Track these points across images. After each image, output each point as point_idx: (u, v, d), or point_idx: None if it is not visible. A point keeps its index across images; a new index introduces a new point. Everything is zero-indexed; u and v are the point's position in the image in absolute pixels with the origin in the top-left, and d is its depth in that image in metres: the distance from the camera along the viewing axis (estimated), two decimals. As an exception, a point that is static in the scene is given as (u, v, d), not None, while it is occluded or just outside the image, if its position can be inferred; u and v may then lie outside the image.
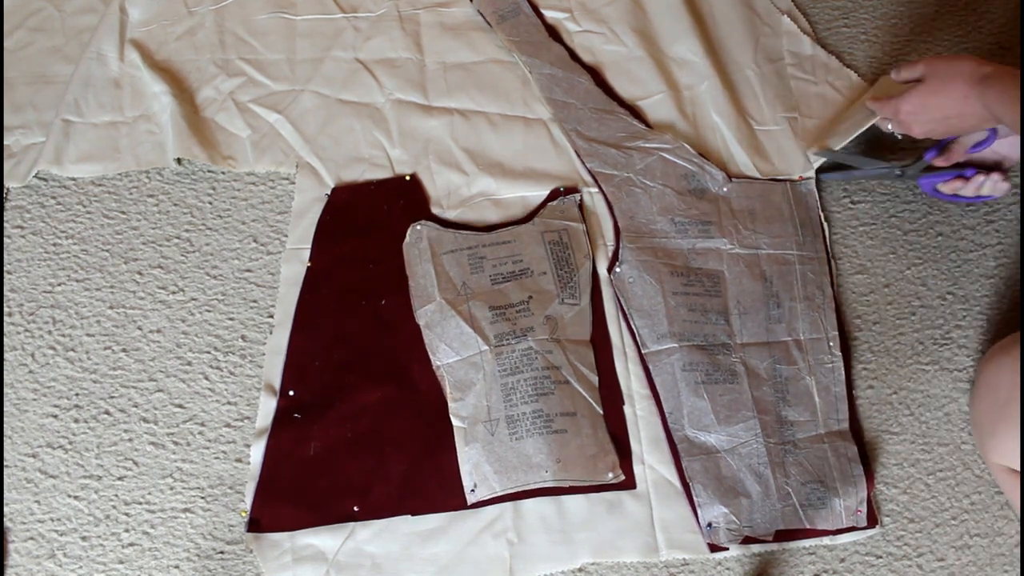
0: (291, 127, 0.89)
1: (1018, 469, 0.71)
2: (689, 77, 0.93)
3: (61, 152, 0.87)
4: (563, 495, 0.73)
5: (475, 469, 0.72)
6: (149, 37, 0.94)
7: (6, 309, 0.81)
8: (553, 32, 0.95)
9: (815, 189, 0.86)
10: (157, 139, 0.88)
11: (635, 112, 0.90)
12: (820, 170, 0.87)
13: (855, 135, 0.84)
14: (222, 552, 0.72)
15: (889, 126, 0.79)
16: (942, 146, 0.82)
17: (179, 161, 0.88)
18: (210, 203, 0.87)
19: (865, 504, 0.74)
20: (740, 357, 0.78)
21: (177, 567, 0.71)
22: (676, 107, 0.91)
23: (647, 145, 0.87)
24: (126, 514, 0.73)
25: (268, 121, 0.90)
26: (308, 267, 0.82)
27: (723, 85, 0.92)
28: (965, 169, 0.82)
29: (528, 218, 0.84)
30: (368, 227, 0.84)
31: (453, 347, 0.77)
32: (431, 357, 0.77)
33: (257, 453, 0.74)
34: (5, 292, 0.82)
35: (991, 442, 0.73)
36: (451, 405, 0.75)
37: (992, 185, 0.82)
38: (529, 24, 0.95)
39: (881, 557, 0.73)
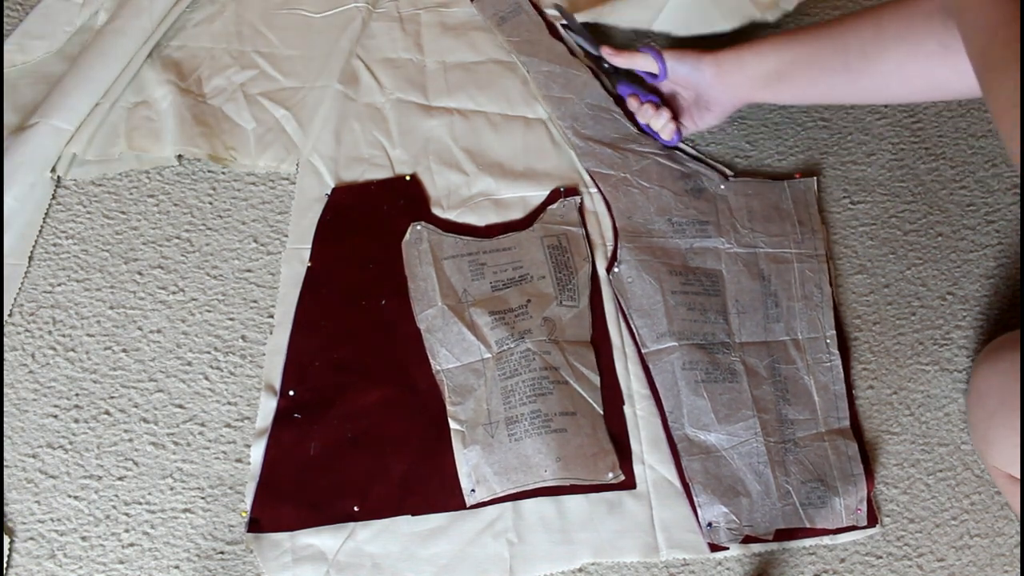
0: (295, 124, 0.89)
1: (1016, 474, 0.71)
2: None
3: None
4: (563, 495, 0.73)
5: (474, 471, 0.72)
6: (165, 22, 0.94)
7: (6, 309, 0.81)
8: (554, 31, 0.95)
9: (814, 187, 0.86)
10: (155, 126, 0.87)
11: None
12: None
13: (607, 21, 0.88)
14: (222, 552, 0.72)
15: None
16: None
17: (179, 159, 0.88)
18: (210, 203, 0.87)
19: (865, 503, 0.74)
20: (739, 356, 0.78)
21: (177, 567, 0.71)
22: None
23: (641, 149, 0.86)
24: (126, 514, 0.73)
25: (275, 116, 0.90)
26: (308, 267, 0.82)
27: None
28: (647, 92, 0.83)
29: (528, 221, 0.84)
30: (368, 227, 0.84)
31: (454, 353, 0.77)
32: (431, 361, 0.77)
33: (257, 453, 0.74)
34: (5, 292, 0.82)
35: (985, 447, 0.73)
36: (449, 409, 0.75)
37: (660, 122, 0.82)
38: (530, 23, 0.95)
39: (881, 557, 0.73)
